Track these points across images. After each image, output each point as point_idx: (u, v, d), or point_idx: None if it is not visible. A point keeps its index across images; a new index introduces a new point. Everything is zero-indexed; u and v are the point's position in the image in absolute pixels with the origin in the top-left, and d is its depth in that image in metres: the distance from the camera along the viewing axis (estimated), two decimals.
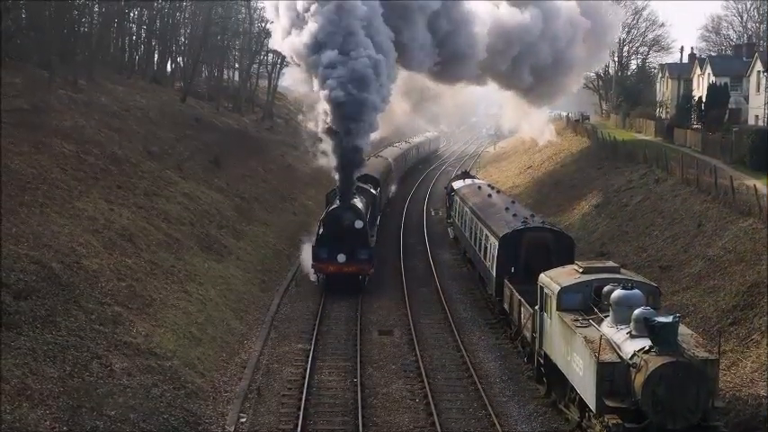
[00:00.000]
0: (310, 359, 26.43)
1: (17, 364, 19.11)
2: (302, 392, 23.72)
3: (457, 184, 46.55)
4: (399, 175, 66.66)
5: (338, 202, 36.31)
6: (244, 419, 22.13)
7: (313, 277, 35.35)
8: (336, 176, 37.38)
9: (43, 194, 28.50)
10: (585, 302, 21.37)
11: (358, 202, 36.93)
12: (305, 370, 25.52)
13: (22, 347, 19.83)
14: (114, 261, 27.02)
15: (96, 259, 26.17)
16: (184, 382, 22.56)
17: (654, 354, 17.78)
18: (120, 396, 20.17)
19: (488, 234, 32.75)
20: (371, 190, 42.93)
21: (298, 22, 38.30)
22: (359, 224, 34.74)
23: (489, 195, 39.78)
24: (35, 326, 20.92)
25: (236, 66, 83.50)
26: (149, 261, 29.03)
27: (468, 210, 39.04)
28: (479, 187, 43.26)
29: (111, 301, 24.37)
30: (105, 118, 42.21)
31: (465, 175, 51.79)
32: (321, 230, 35.23)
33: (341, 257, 34.05)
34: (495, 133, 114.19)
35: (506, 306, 28.99)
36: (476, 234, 35.85)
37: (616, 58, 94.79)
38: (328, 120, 35.97)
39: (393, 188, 60.05)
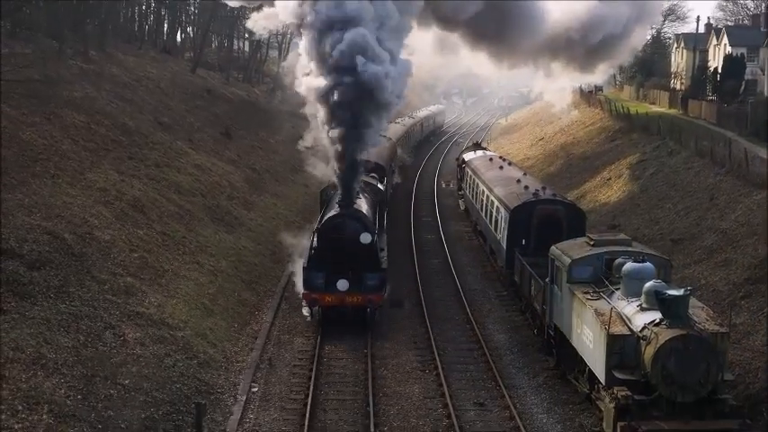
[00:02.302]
0: (321, 330, 26.56)
1: (32, 333, 19.29)
2: (313, 363, 23.88)
3: (468, 156, 46.44)
4: (404, 156, 59.51)
5: (337, 205, 27.83)
6: (255, 389, 22.31)
7: (305, 311, 27.49)
8: (333, 168, 28.77)
9: (55, 165, 28.59)
10: (596, 275, 21.38)
11: (363, 205, 28.89)
12: (315, 341, 25.66)
13: (37, 317, 20.01)
14: (126, 232, 27.15)
15: (108, 230, 26.30)
16: (196, 352, 22.75)
17: (664, 327, 17.80)
18: (134, 365, 20.36)
19: (499, 206, 32.70)
20: (378, 184, 34.31)
21: None
22: (366, 238, 26.39)
23: (500, 167, 39.68)
24: (49, 296, 21.10)
25: (247, 36, 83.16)
26: (161, 232, 29.15)
27: (479, 182, 38.96)
28: (490, 159, 43.15)
29: (124, 272, 24.53)
30: (116, 89, 42.21)
31: (476, 146, 51.66)
32: (314, 246, 27.02)
33: (342, 284, 26.10)
34: (505, 106, 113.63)
35: (517, 278, 29.03)
36: (486, 206, 35.81)
37: None
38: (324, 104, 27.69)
39: (398, 175, 52.09)
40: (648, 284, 18.94)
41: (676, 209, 35.45)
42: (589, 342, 19.71)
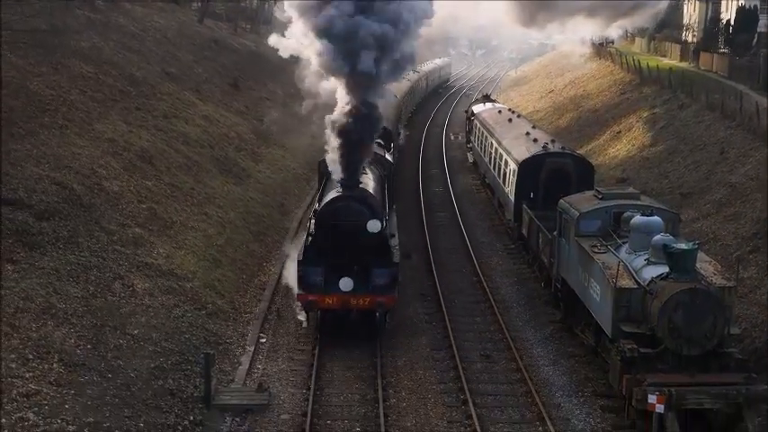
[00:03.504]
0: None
1: (41, 283, 19.43)
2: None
3: (477, 109, 46.18)
4: (408, 115, 56.20)
5: (339, 184, 23.03)
6: (264, 340, 22.49)
7: (300, 315, 23.13)
8: (332, 137, 23.31)
9: (63, 116, 28.51)
10: (604, 228, 21.35)
11: (369, 182, 24.26)
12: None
13: (46, 267, 20.13)
14: (134, 183, 27.17)
15: (117, 181, 26.33)
16: (205, 302, 22.91)
17: (671, 280, 17.81)
18: (143, 316, 20.53)
19: (508, 159, 32.58)
20: (385, 154, 28.87)
21: None
22: (374, 226, 21.71)
23: (509, 120, 39.43)
24: (58, 246, 21.19)
25: None
26: (169, 183, 29.17)
27: (487, 134, 38.78)
28: (500, 111, 42.88)
29: (133, 223, 24.61)
30: (123, 39, 41.88)
31: (485, 99, 51.34)
32: (311, 236, 22.48)
33: (345, 283, 21.61)
34: (515, 58, 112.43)
35: (524, 231, 29.03)
36: (495, 159, 35.68)
37: None
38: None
39: (402, 134, 48.08)
40: (656, 238, 18.90)
41: (686, 163, 35.28)
42: (596, 295, 19.76)
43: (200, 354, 19.69)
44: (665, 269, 18.16)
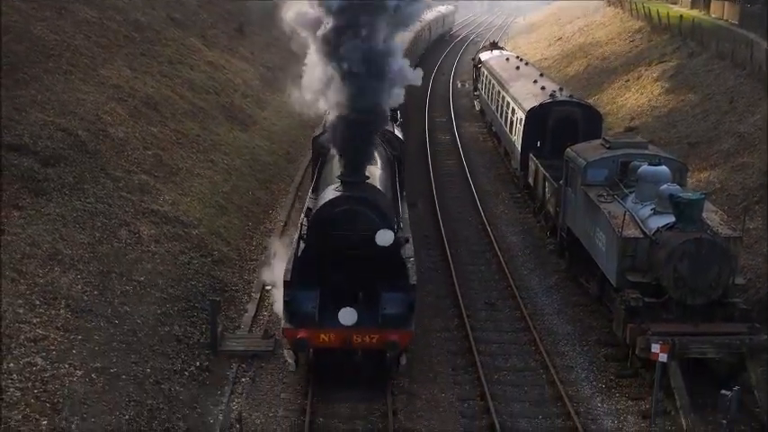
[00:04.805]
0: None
1: (48, 229, 19.47)
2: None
3: (484, 56, 45.69)
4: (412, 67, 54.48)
5: (339, 180, 17.80)
6: (269, 287, 22.59)
7: (288, 355, 17.76)
8: (329, 111, 18.84)
9: (67, 61, 28.27)
10: (611, 178, 21.27)
11: (376, 171, 19.23)
12: None
13: (52, 214, 20.15)
14: (140, 129, 27.07)
15: (122, 127, 26.22)
16: (211, 249, 22.98)
17: (677, 230, 17.79)
18: (149, 262, 20.61)
19: (515, 107, 32.33)
20: (393, 128, 23.13)
21: None
22: (385, 238, 16.66)
23: (517, 68, 39.04)
24: (64, 193, 21.19)
25: None
26: (175, 130, 29.06)
27: (494, 82, 38.43)
28: (507, 59, 42.42)
29: (138, 170, 24.57)
30: None
31: (493, 46, 50.77)
32: (303, 240, 17.52)
33: (346, 315, 16.55)
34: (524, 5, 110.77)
35: (531, 180, 28.95)
36: (502, 107, 35.41)
37: None
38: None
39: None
40: (663, 188, 18.84)
41: (694, 112, 34.98)
42: (602, 245, 19.75)
43: (206, 300, 19.83)
44: (671, 219, 18.13)
